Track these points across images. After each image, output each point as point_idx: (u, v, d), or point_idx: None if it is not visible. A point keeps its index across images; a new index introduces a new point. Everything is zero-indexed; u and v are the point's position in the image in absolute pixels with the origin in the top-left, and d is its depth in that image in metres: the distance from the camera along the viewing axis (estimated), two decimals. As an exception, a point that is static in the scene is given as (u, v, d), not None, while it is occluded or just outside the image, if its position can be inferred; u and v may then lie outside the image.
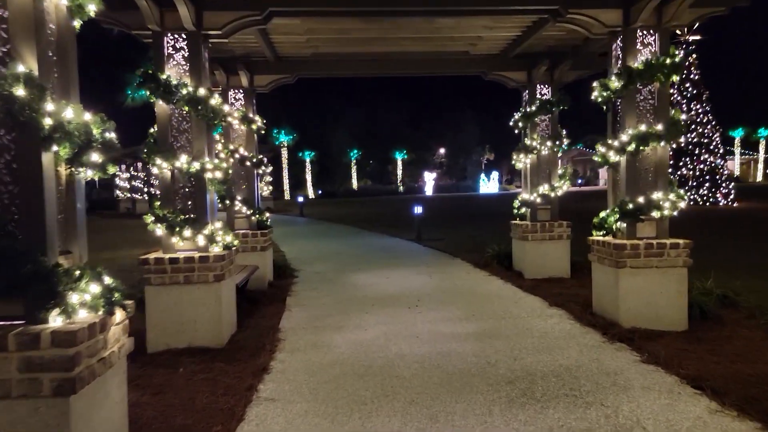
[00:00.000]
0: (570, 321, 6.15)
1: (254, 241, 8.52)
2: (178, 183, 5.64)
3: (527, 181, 9.00)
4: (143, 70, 5.34)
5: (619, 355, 5.00)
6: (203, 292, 5.50)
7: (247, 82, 8.45)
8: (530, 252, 8.68)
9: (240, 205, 8.55)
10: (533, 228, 8.68)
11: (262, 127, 8.73)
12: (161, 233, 5.53)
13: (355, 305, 7.32)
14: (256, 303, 7.56)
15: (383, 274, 9.66)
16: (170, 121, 5.60)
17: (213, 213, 5.88)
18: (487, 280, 8.71)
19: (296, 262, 11.34)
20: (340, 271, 10.12)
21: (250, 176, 8.65)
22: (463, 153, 75.02)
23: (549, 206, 8.87)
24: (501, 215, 24.56)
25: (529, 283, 8.18)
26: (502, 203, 35.95)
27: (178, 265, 5.46)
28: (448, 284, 8.52)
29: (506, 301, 7.25)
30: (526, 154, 8.79)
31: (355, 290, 8.33)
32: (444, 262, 10.89)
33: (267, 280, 8.63)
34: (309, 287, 8.67)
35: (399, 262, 10.96)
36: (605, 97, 5.99)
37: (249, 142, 8.62)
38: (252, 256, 8.48)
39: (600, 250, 6.10)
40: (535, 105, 8.64)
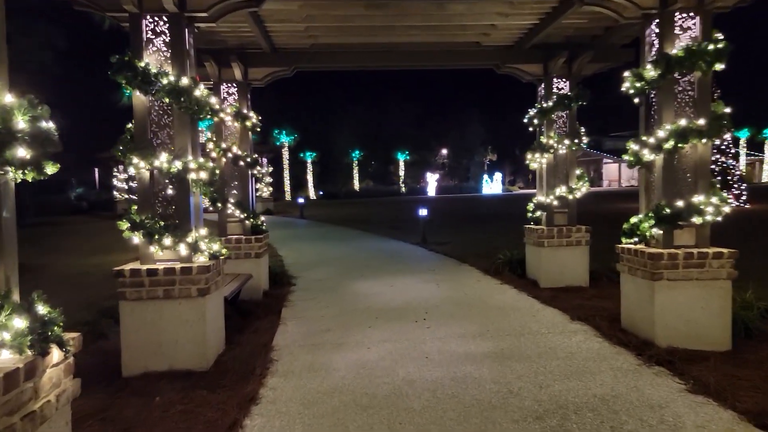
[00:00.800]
0: (597, 339, 5.49)
1: (248, 248, 7.88)
2: (158, 185, 5.01)
3: (543, 183, 8.36)
4: (118, 57, 4.70)
5: (660, 381, 4.35)
6: (185, 308, 4.87)
7: (241, 75, 7.82)
8: (546, 259, 8.03)
9: (233, 209, 7.91)
10: (549, 233, 8.03)
11: (257, 123, 8.09)
12: (138, 241, 4.90)
13: (357, 318, 6.68)
14: (249, 315, 6.92)
15: (387, 281, 9.02)
16: (149, 114, 4.97)
17: (198, 218, 5.25)
18: (499, 290, 8.06)
19: (295, 268, 10.71)
20: (341, 278, 9.48)
21: (244, 177, 8.01)
22: (466, 154, 74.41)
23: (566, 210, 8.22)
24: (507, 217, 24.00)
25: (545, 293, 7.52)
26: (506, 205, 35.31)
27: (156, 277, 4.82)
28: (457, 294, 7.87)
29: (523, 314, 6.60)
30: (542, 154, 8.15)
31: (357, 300, 7.69)
32: (451, 268, 10.24)
33: (262, 289, 7.99)
34: (307, 297, 8.03)
35: (404, 268, 10.32)
36: (638, 89, 5.35)
37: (243, 140, 7.99)
38: (246, 263, 7.84)
39: (631, 260, 5.45)
40: (552, 100, 7.99)
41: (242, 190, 8.02)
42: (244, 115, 7.86)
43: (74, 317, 6.42)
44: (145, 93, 4.80)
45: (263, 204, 31.83)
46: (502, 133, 77.51)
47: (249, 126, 7.93)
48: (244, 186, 8.02)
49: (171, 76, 4.80)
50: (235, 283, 6.78)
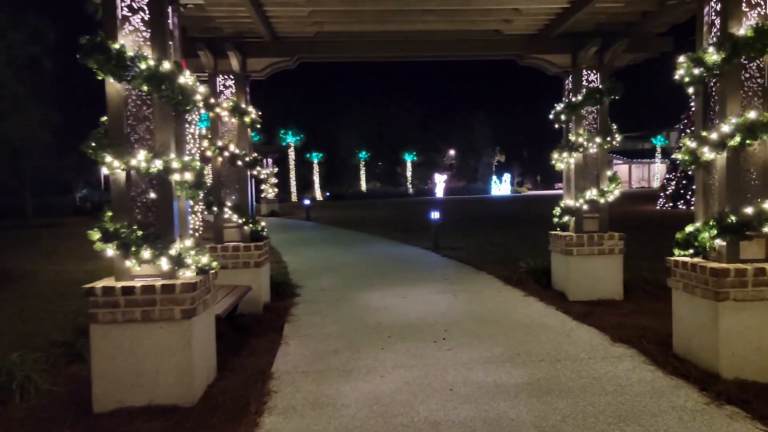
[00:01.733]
0: (648, 367, 4.72)
1: (247, 256, 7.16)
2: (136, 187, 4.29)
3: (571, 185, 7.59)
4: (88, 38, 3.99)
5: (737, 428, 3.58)
6: (168, 333, 4.15)
7: (239, 66, 7.10)
8: (575, 269, 7.27)
9: (230, 213, 7.19)
10: (579, 240, 7.26)
11: (256, 119, 7.37)
12: (112, 254, 4.18)
13: (368, 337, 5.95)
14: (247, 333, 6.20)
15: (399, 292, 8.28)
16: (125, 105, 4.25)
17: (184, 226, 4.52)
18: (524, 303, 7.30)
19: (299, 276, 9.98)
20: (348, 288, 8.75)
21: (242, 178, 7.29)
22: (474, 154, 73.60)
23: (597, 215, 7.45)
24: (519, 220, 23.21)
25: (576, 307, 6.76)
26: (517, 206, 34.52)
27: (133, 296, 4.10)
28: (478, 307, 7.12)
29: (555, 333, 5.84)
30: (570, 153, 7.38)
31: (367, 314, 6.95)
32: (468, 276, 9.48)
33: (262, 301, 7.27)
34: (312, 310, 7.30)
35: (416, 277, 9.57)
36: (695, 77, 4.59)
37: (241, 137, 7.27)
38: (244, 273, 7.12)
39: (687, 276, 4.68)
40: (582, 94, 7.22)
41: (240, 193, 7.30)
42: (242, 110, 7.14)
43: (50, 336, 5.73)
44: (119, 80, 4.09)
45: (268, 205, 31.19)
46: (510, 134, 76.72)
47: (248, 122, 7.21)
48: (242, 188, 7.30)
49: (150, 60, 4.09)
50: (231, 298, 6.05)
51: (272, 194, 32.21)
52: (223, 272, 7.07)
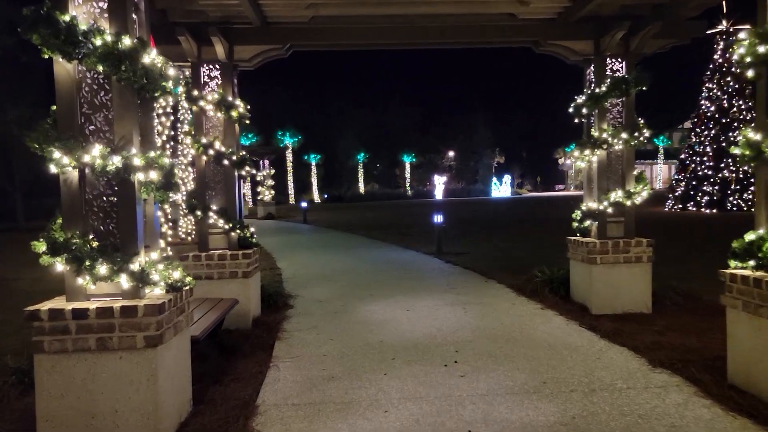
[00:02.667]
0: (702, 401, 4.00)
1: (234, 265, 6.44)
2: (92, 189, 3.57)
3: (593, 186, 6.88)
4: (33, 9, 3.27)
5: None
6: (129, 365, 3.42)
7: (225, 54, 6.38)
8: (599, 279, 6.56)
9: (215, 218, 6.47)
10: (603, 247, 6.55)
11: (245, 114, 6.65)
12: (62, 269, 3.46)
13: (369, 358, 5.22)
14: (233, 353, 5.49)
15: (403, 303, 7.55)
16: (78, 90, 3.53)
17: (152, 235, 3.81)
18: (542, 317, 6.58)
19: (293, 284, 9.26)
20: (346, 298, 8.02)
21: (229, 179, 6.57)
22: (473, 156, 72.95)
23: (622, 218, 6.74)
24: (525, 223, 22.46)
25: (602, 323, 6.04)
26: (519, 209, 33.80)
27: (87, 320, 3.38)
28: (492, 322, 6.40)
29: (583, 355, 5.12)
30: (592, 150, 6.66)
31: (368, 330, 6.23)
32: (477, 285, 8.75)
33: (252, 316, 6.54)
34: (306, 325, 6.58)
35: (420, 286, 8.84)
36: (760, 57, 3.89)
37: (228, 134, 6.55)
38: (231, 285, 6.40)
39: (749, 292, 3.95)
40: (606, 84, 6.52)
41: (227, 195, 6.58)
42: (228, 104, 6.42)
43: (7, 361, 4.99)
44: (70, 58, 3.36)
45: (265, 208, 30.47)
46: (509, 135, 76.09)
47: (235, 117, 6.49)
48: (229, 190, 6.58)
49: (107, 35, 3.37)
50: (214, 314, 5.32)
51: (269, 196, 31.48)
52: (208, 283, 6.37)
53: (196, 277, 6.31)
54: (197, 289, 6.32)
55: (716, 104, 24.14)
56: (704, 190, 24.13)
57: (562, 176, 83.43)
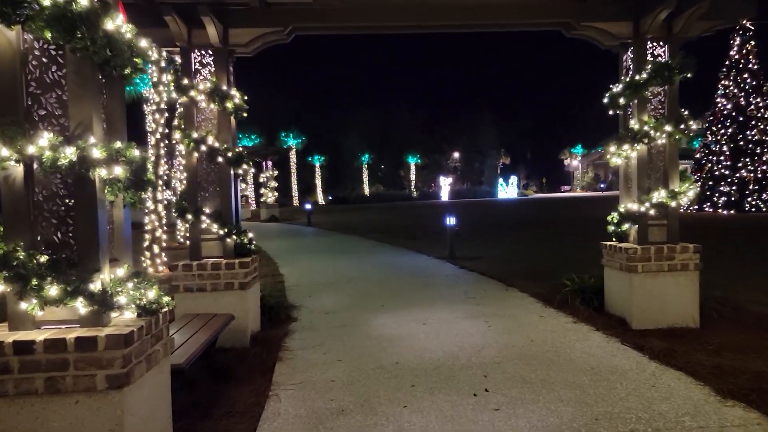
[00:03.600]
0: (797, 447, 3.27)
1: (230, 275, 5.72)
2: (41, 189, 2.86)
3: (631, 185, 6.15)
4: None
5: None
6: (87, 412, 2.71)
7: (219, 38, 5.67)
8: (640, 289, 5.82)
9: (208, 222, 5.76)
10: (644, 254, 5.81)
11: (242, 105, 5.94)
12: (2, 290, 2.75)
13: (384, 385, 4.50)
14: (227, 378, 4.78)
15: (418, 315, 6.82)
16: (24, 64, 2.82)
17: (122, 246, 3.10)
18: (576, 332, 5.83)
19: (297, 293, 8.55)
20: (356, 310, 7.30)
21: (224, 179, 5.86)
22: (479, 157, 72.25)
23: (665, 221, 6.01)
24: (537, 225, 21.59)
25: (649, 341, 5.29)
26: (529, 210, 32.97)
27: (33, 356, 2.67)
28: (520, 339, 5.66)
29: (635, 381, 4.38)
30: (632, 145, 5.92)
31: (381, 349, 5.50)
32: (498, 294, 8.01)
33: (249, 332, 5.82)
34: (311, 342, 5.86)
35: (436, 295, 8.11)
36: None
37: (223, 128, 5.84)
38: (226, 297, 5.69)
39: None
40: (647, 71, 5.79)
41: (222, 197, 5.87)
42: (223, 93, 5.71)
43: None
44: (10, 22, 2.64)
45: (268, 210, 29.79)
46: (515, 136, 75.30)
47: (230, 108, 5.78)
48: (224, 191, 5.87)
49: (59, -7, 2.66)
50: (204, 334, 4.61)
51: (272, 198, 30.79)
52: (201, 296, 5.67)
53: (187, 289, 5.62)
54: (188, 303, 5.63)
55: (733, 102, 23.35)
56: (721, 191, 23.32)
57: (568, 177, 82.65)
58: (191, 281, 5.67)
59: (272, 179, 30.81)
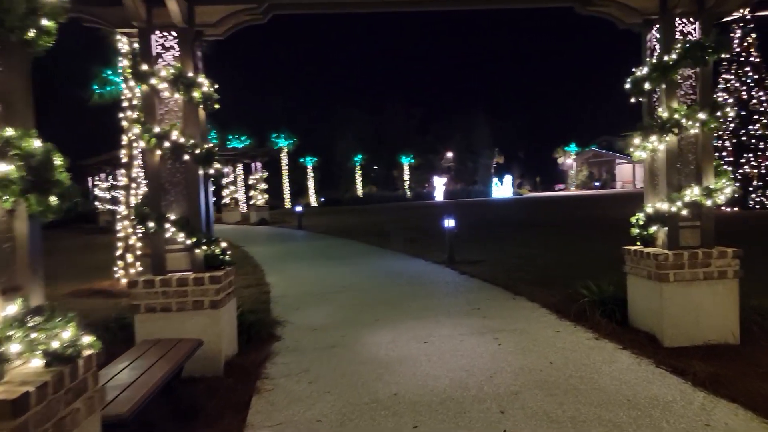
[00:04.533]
0: None
1: (199, 292, 4.93)
2: None
3: (659, 181, 5.40)
4: None
5: None
6: None
7: (183, 16, 4.88)
8: (672, 300, 5.07)
9: (173, 230, 4.97)
10: (677, 260, 5.07)
11: (211, 94, 5.14)
12: None
13: (381, 427, 3.73)
14: (193, 417, 4.00)
15: (418, 332, 6.06)
16: None
17: (25, 271, 2.31)
18: (601, 352, 5.07)
19: (283, 306, 7.76)
20: (348, 326, 6.52)
21: (191, 180, 5.07)
22: (472, 156, 71.60)
23: (698, 223, 5.27)
24: (537, 225, 20.74)
25: (689, 363, 4.52)
26: (526, 209, 32.17)
27: None
28: (537, 361, 4.89)
29: (684, 418, 3.62)
30: (660, 136, 5.17)
31: (376, 376, 4.73)
32: (505, 304, 7.24)
33: (224, 357, 5.02)
34: (296, 367, 5.07)
35: (436, 306, 7.34)
36: None
37: (189, 121, 5.05)
38: (195, 318, 4.90)
39: None
40: (676, 50, 5.04)
41: (189, 201, 5.08)
42: (188, 81, 4.92)
43: None
44: None
45: (258, 213, 28.94)
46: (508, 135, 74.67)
47: (197, 98, 4.99)
48: (192, 194, 5.07)
49: None
50: (161, 368, 3.82)
51: (261, 201, 29.93)
52: (165, 318, 4.88)
53: (149, 309, 4.82)
54: (151, 326, 4.84)
55: (734, 96, 22.72)
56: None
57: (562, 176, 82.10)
58: (154, 300, 4.88)
59: (262, 181, 29.95)
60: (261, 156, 31.21)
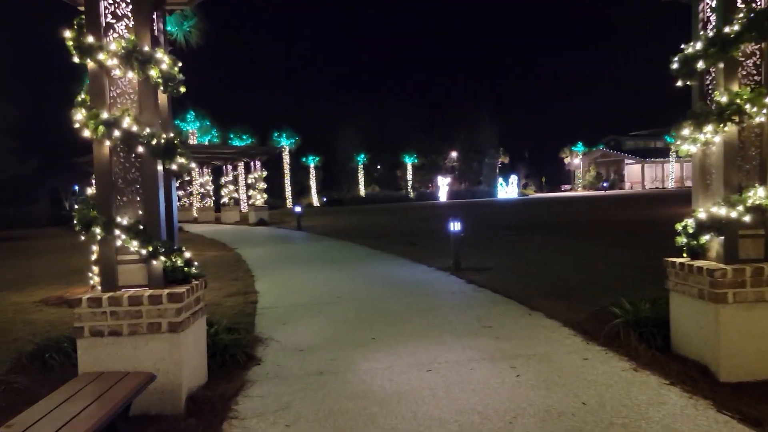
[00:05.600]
0: None
1: (155, 313, 4.05)
2: None
3: (710, 182, 4.50)
4: None
5: None
6: None
7: (136, -23, 4.01)
8: (731, 326, 4.17)
9: (125, 238, 4.09)
10: (737, 277, 4.17)
11: (172, 74, 4.26)
12: None
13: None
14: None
15: (420, 356, 5.17)
16: None
17: None
18: (643, 388, 4.17)
19: (270, 319, 6.90)
20: (339, 346, 5.64)
21: (149, 177, 4.19)
22: (477, 156, 70.64)
23: (762, 231, 4.36)
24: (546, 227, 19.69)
25: (760, 407, 3.64)
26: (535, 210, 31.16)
27: None
28: (566, 400, 4.00)
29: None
30: (717, 124, 4.26)
31: (369, 419, 3.84)
32: (520, 322, 6.33)
33: (185, 391, 4.13)
34: (274, 403, 4.19)
35: (441, 322, 6.44)
36: None
37: (146, 106, 4.18)
38: (151, 344, 4.02)
39: None
40: (738, 22, 4.14)
41: (147, 202, 4.20)
42: (144, 57, 4.04)
43: None
44: None
45: (257, 213, 28.11)
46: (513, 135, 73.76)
47: (155, 77, 4.11)
48: (149, 193, 4.20)
49: None
50: (99, 412, 2.96)
51: (261, 201, 29.09)
52: (115, 343, 4.04)
53: (95, 333, 3.97)
54: (97, 353, 3.97)
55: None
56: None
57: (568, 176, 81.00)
58: (101, 321, 4.01)
59: (261, 180, 29.10)
60: (260, 155, 30.34)
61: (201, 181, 34.94)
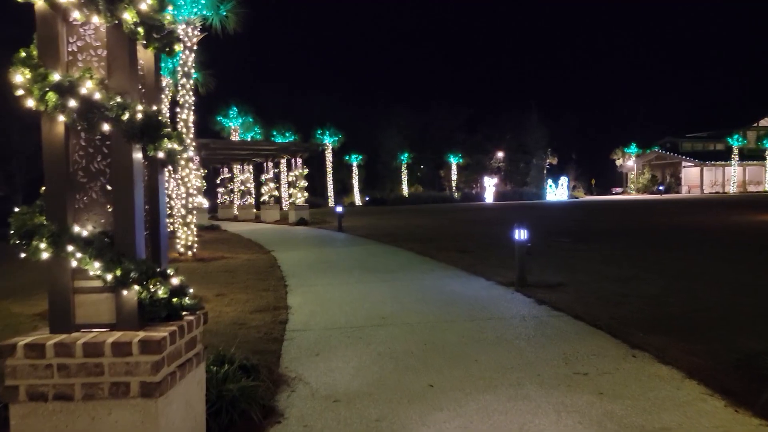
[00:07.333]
0: None
1: (122, 368, 2.75)
2: None
3: None
4: None
5: None
6: None
7: None
8: None
9: (81, 256, 2.82)
10: None
11: (154, 19, 2.96)
12: None
13: None
14: None
15: (500, 420, 3.74)
16: None
17: None
18: None
19: (300, 347, 5.60)
20: (386, 396, 4.26)
21: (121, 168, 2.91)
22: (525, 157, 68.29)
23: None
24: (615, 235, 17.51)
25: None
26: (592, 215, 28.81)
27: None
28: None
29: None
30: None
31: None
32: (624, 368, 4.80)
33: (165, 481, 2.84)
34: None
35: (517, 363, 4.98)
36: None
37: (117, 66, 2.90)
38: (115, 414, 2.74)
39: None
40: None
41: (119, 204, 2.92)
42: None
43: None
44: None
45: (297, 212, 27.08)
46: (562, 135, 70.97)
47: (129, 23, 2.82)
48: (122, 192, 2.91)
49: None
50: None
51: (301, 199, 28.03)
52: (64, 410, 2.75)
53: (33, 396, 2.72)
54: (34, 425, 2.72)
55: None
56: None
57: (619, 178, 77.56)
58: (44, 379, 2.75)
59: (302, 178, 28.03)
60: (301, 151, 29.30)
61: (242, 179, 34.22)
